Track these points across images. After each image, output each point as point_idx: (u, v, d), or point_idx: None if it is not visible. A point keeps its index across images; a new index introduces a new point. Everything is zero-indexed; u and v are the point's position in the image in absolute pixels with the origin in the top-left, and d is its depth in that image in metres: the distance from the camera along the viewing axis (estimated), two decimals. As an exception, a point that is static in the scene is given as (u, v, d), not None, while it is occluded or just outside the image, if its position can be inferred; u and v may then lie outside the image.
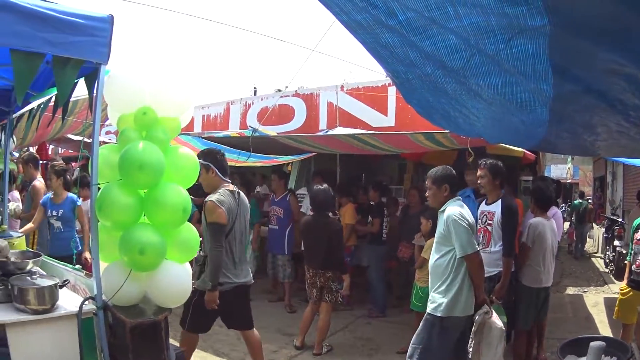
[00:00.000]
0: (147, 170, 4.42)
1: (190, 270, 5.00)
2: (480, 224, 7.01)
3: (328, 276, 7.82)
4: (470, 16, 2.68)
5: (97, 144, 4.59)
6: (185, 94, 5.01)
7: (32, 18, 4.06)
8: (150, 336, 4.47)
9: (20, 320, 4.21)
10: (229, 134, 11.71)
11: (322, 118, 14.81)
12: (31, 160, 9.40)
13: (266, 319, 9.28)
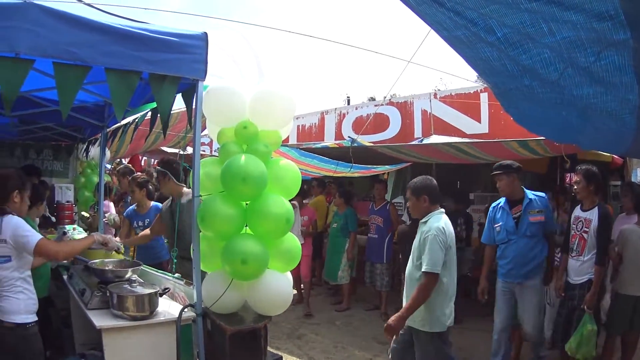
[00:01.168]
0: (250, 182, 4.47)
1: (291, 279, 5.03)
2: (575, 230, 6.92)
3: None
4: (562, 31, 2.76)
5: (198, 157, 4.74)
6: (285, 107, 5.04)
7: (126, 38, 4.24)
8: (249, 343, 4.54)
9: (117, 325, 4.36)
10: (327, 145, 11.72)
11: (416, 126, 14.55)
12: (127, 172, 9.72)
13: (362, 327, 9.38)
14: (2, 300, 4.47)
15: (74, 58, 4.10)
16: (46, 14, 3.99)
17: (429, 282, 5.43)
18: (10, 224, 4.45)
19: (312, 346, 8.24)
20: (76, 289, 5.35)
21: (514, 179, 7.01)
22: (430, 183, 5.96)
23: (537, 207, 6.96)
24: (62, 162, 12.47)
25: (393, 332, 5.49)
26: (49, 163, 12.31)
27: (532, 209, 6.96)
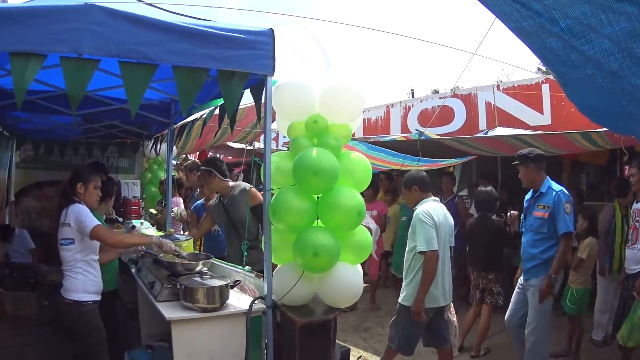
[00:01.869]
0: (322, 176, 4.49)
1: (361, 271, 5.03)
2: (633, 221, 6.95)
3: (490, 278, 7.76)
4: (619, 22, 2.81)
5: (269, 152, 4.77)
6: (355, 101, 5.04)
7: (192, 36, 4.32)
8: (319, 335, 4.57)
9: (187, 317, 4.46)
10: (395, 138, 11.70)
11: (481, 118, 14.35)
12: (195, 168, 9.84)
13: (429, 320, 9.30)
14: (65, 279, 5.08)
15: (140, 57, 4.20)
16: (109, 15, 4.09)
17: (429, 260, 5.87)
18: (75, 210, 4.97)
19: (378, 339, 8.26)
20: (145, 282, 5.48)
21: (531, 169, 6.77)
22: (418, 175, 6.64)
23: (544, 202, 6.61)
24: (127, 159, 12.74)
25: (419, 315, 5.88)
26: (114, 160, 12.59)
27: (540, 203, 6.66)
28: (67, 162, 12.38)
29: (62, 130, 11.05)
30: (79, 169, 5.48)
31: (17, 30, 4.00)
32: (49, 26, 4.02)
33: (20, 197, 12.59)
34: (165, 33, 4.24)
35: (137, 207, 10.21)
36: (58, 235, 5.10)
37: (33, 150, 12.32)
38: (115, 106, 7.88)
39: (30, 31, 4.01)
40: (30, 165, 12.56)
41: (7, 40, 4.01)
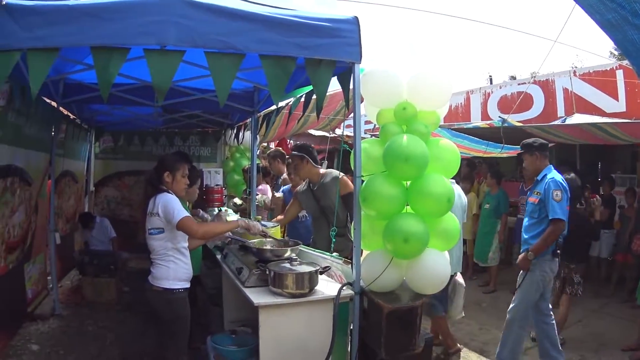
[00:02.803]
0: (413, 162, 4.51)
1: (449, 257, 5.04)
2: None
3: (572, 267, 7.73)
4: None
5: (359, 139, 4.80)
6: (442, 88, 5.04)
7: (278, 25, 4.39)
8: (405, 321, 4.56)
9: (275, 303, 4.51)
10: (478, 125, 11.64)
11: (559, 105, 14.15)
12: (278, 155, 9.91)
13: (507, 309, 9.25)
14: (154, 267, 5.07)
15: (226, 47, 4.28)
16: (191, 6, 4.19)
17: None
18: (163, 200, 4.96)
19: (458, 327, 8.26)
20: (232, 268, 5.53)
21: (536, 157, 6.93)
22: None
23: (538, 188, 6.80)
24: (209, 148, 13.08)
25: None
26: (195, 149, 12.93)
27: (534, 190, 6.88)
28: (147, 152, 12.82)
29: (141, 121, 11.35)
30: (166, 157, 5.44)
31: (97, 25, 4.13)
32: (131, 20, 4.14)
33: (100, 187, 12.98)
34: (250, 23, 4.32)
35: (220, 195, 10.34)
36: (146, 225, 5.13)
37: (112, 141, 12.62)
38: (197, 96, 8.08)
39: (111, 26, 4.13)
40: (110, 155, 13.00)
41: (87, 35, 4.15)
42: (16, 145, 6.38)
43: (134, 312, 8.92)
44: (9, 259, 6.38)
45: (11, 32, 4.13)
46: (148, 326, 8.07)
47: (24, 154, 6.76)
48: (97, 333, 7.96)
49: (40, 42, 4.16)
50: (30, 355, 6.86)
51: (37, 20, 4.15)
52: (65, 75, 7.52)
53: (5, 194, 6.14)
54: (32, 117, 6.75)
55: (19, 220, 6.70)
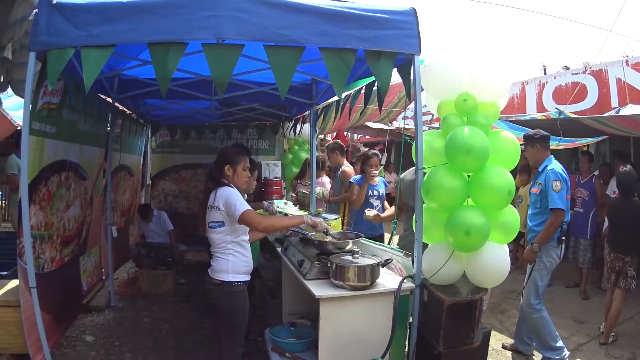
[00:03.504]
0: (474, 154, 4.49)
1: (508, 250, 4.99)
2: None
3: (626, 261, 7.55)
4: None
5: (420, 131, 4.79)
6: (502, 79, 5.00)
7: (336, 18, 4.39)
8: (465, 315, 4.54)
9: (336, 295, 4.48)
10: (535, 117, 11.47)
11: (612, 95, 13.66)
12: (337, 148, 9.82)
13: (562, 305, 9.22)
14: (214, 260, 5.00)
15: (285, 40, 4.30)
16: (248, 1, 4.23)
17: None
18: (224, 193, 4.89)
19: (514, 322, 8.10)
20: (293, 261, 5.53)
21: (537, 149, 7.01)
22: None
23: (539, 179, 6.85)
24: (267, 140, 13.05)
25: None
26: (254, 142, 12.92)
27: (536, 180, 6.95)
28: (204, 145, 12.92)
29: (198, 115, 11.40)
30: (226, 150, 5.36)
31: (153, 21, 4.20)
32: (188, 15, 4.20)
33: (157, 181, 13.11)
34: (308, 15, 4.33)
35: (279, 187, 10.39)
36: (206, 218, 5.09)
37: (169, 135, 12.73)
38: (255, 89, 8.08)
39: (168, 22, 4.20)
40: (167, 149, 13.11)
41: (143, 32, 4.22)
42: (71, 140, 6.45)
43: (190, 304, 8.98)
44: (65, 252, 6.47)
45: (64, 31, 4.24)
46: (204, 318, 8.16)
47: (79, 149, 6.83)
48: (153, 325, 8.00)
49: (96, 40, 4.25)
50: (84, 346, 6.92)
51: (92, 18, 4.25)
52: (119, 72, 7.60)
53: (61, 189, 6.21)
54: (86, 113, 6.84)
55: (74, 214, 6.79)
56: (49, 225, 5.90)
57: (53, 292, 5.97)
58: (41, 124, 5.29)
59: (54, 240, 6.10)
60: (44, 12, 4.26)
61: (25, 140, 4.64)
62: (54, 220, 6.04)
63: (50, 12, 4.24)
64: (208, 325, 7.83)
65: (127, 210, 10.64)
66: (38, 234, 5.55)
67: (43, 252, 5.73)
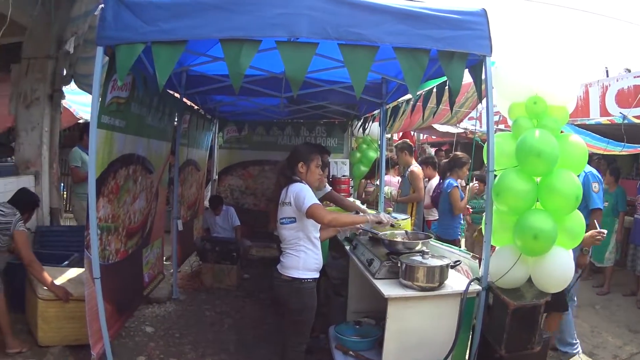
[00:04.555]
0: (544, 158, 4.44)
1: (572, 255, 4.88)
2: None
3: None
4: None
5: (492, 133, 4.77)
6: (571, 82, 4.94)
7: (410, 17, 4.38)
8: (528, 319, 4.49)
9: (405, 295, 4.48)
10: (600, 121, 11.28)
11: None
12: (406, 147, 9.85)
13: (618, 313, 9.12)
14: (284, 256, 5.05)
15: (359, 38, 4.30)
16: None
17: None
18: (295, 189, 4.93)
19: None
20: (362, 259, 5.51)
21: None
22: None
23: None
24: (336, 139, 13.05)
25: None
26: (322, 139, 12.93)
27: None
28: (272, 142, 13.01)
29: (266, 112, 11.55)
30: (300, 147, 5.43)
31: (225, 17, 4.23)
32: (261, 12, 4.21)
33: (223, 176, 13.23)
34: (383, 15, 4.31)
35: (347, 185, 10.30)
36: (278, 214, 5.14)
37: (237, 131, 12.84)
38: (325, 88, 8.13)
39: (241, 18, 4.22)
40: (234, 145, 13.22)
41: (215, 28, 4.26)
42: (139, 134, 6.55)
43: (253, 299, 9.04)
44: (129, 244, 6.58)
45: (133, 26, 4.29)
46: (266, 313, 8.22)
47: (146, 143, 6.93)
48: (215, 318, 8.07)
49: (166, 35, 4.30)
50: (143, 337, 7.02)
51: (161, 14, 4.29)
52: (188, 68, 7.73)
53: (128, 182, 6.32)
54: (154, 107, 6.94)
55: (139, 207, 6.91)
56: (116, 218, 6.01)
57: (116, 283, 6.08)
58: (110, 117, 5.37)
59: (120, 233, 6.21)
60: (110, 8, 4.31)
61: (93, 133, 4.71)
62: (120, 212, 6.14)
63: (118, 8, 4.30)
64: (270, 320, 7.88)
65: (192, 204, 10.77)
66: (105, 226, 5.65)
67: (109, 243, 5.83)
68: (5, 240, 6.04)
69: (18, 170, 7.65)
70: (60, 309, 5.91)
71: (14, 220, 6.00)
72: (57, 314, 5.92)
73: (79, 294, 5.86)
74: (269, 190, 12.98)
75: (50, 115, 7.83)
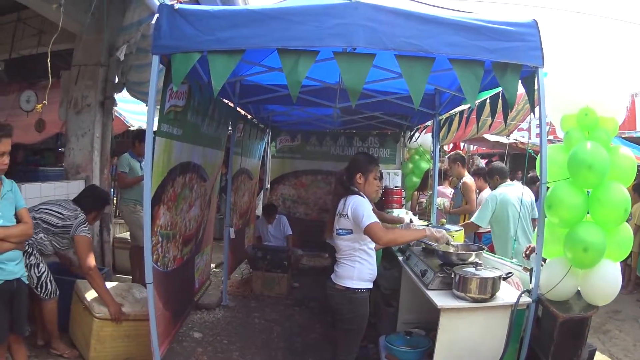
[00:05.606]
0: (595, 170, 4.44)
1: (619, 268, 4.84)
2: None
3: None
4: None
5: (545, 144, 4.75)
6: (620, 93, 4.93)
7: (465, 29, 4.41)
8: (576, 332, 4.48)
9: (457, 306, 4.52)
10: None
11: None
12: (459, 159, 9.93)
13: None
14: (339, 266, 5.10)
15: (416, 49, 4.32)
16: (377, 10, 4.27)
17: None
18: (354, 202, 4.94)
19: (615, 342, 8.01)
20: (415, 270, 5.54)
21: None
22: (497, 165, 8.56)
23: None
24: (388, 149, 13.11)
25: None
26: (375, 150, 13.03)
27: None
28: (325, 152, 13.15)
29: (319, 122, 11.65)
30: (358, 158, 5.43)
31: (283, 27, 4.29)
32: (318, 23, 4.27)
33: (276, 185, 13.39)
34: (438, 26, 4.35)
35: (399, 196, 10.38)
36: (334, 225, 5.15)
37: (290, 141, 12.97)
38: (378, 98, 8.18)
39: (299, 28, 4.28)
40: (287, 154, 13.36)
41: (273, 37, 4.32)
42: (195, 143, 6.63)
43: (302, 308, 9.10)
44: (184, 251, 6.66)
45: (188, 35, 4.38)
46: (316, 322, 8.28)
47: (202, 151, 7.01)
48: (264, 326, 8.13)
49: (223, 44, 4.37)
50: (191, 342, 7.11)
51: (218, 24, 4.37)
52: (242, 78, 7.82)
53: (185, 190, 6.40)
54: (209, 116, 7.03)
55: (194, 214, 6.99)
56: (174, 225, 6.09)
57: (174, 289, 6.18)
58: (169, 126, 5.45)
59: (177, 240, 6.30)
60: (165, 17, 4.41)
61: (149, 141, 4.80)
62: (177, 220, 6.23)
63: (173, 17, 4.39)
64: (319, 329, 7.94)
65: (245, 212, 10.88)
66: (165, 233, 5.75)
67: (168, 251, 5.92)
68: (64, 244, 6.13)
69: (68, 175, 7.79)
70: (116, 328, 5.95)
71: (75, 223, 6.03)
72: (112, 333, 5.94)
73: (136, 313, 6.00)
74: (321, 200, 13.17)
75: (102, 122, 7.96)
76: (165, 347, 5.66)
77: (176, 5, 4.39)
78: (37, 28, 9.29)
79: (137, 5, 6.22)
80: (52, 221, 5.96)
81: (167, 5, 4.42)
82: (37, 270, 5.73)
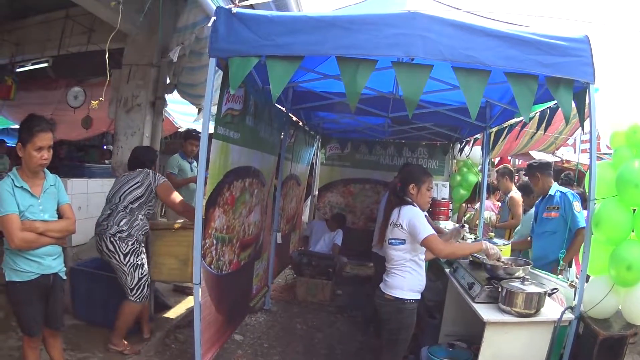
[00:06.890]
0: (642, 189, 4.43)
1: None
2: None
3: None
4: None
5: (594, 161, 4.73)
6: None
7: (520, 43, 4.41)
8: (615, 350, 4.46)
9: (503, 320, 4.53)
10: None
11: None
12: (507, 173, 9.87)
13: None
14: (389, 275, 5.10)
15: (473, 61, 4.34)
16: (435, 21, 4.29)
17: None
18: (409, 213, 4.97)
19: (638, 358, 7.87)
20: (462, 282, 5.58)
21: (538, 178, 7.45)
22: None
23: (553, 203, 7.06)
24: (437, 161, 13.02)
25: None
26: (423, 161, 12.93)
27: (549, 205, 7.13)
28: (374, 160, 13.09)
29: (369, 131, 11.61)
30: (412, 169, 5.52)
31: (341, 35, 4.33)
32: (378, 32, 4.29)
33: (323, 192, 13.33)
34: (494, 39, 4.36)
35: (446, 208, 10.38)
36: (387, 234, 5.17)
37: (339, 149, 12.98)
38: (430, 109, 8.18)
39: (359, 37, 4.31)
40: (336, 162, 13.30)
41: (332, 45, 4.37)
42: (254, 147, 6.68)
43: (345, 316, 9.08)
44: (242, 256, 6.70)
45: (246, 39, 4.44)
46: (357, 330, 8.28)
47: (260, 156, 7.04)
48: (305, 331, 8.16)
49: (282, 50, 4.43)
50: (231, 344, 7.11)
51: (276, 29, 4.42)
52: (295, 84, 7.84)
53: (244, 194, 6.45)
54: (264, 121, 7.07)
55: (254, 219, 7.06)
56: (231, 229, 6.12)
57: (228, 293, 6.25)
58: (225, 129, 5.49)
59: (234, 244, 6.34)
60: (222, 20, 4.48)
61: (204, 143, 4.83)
62: (235, 224, 6.27)
63: (230, 21, 4.46)
64: (361, 338, 7.94)
65: (291, 218, 10.94)
66: (220, 236, 5.78)
67: (223, 254, 5.95)
68: (151, 206, 6.35)
69: (115, 173, 7.81)
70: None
71: (151, 178, 6.23)
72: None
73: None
74: (368, 209, 13.08)
75: (152, 122, 8.02)
76: (216, 349, 5.73)
77: (234, 9, 4.45)
78: (87, 26, 9.37)
79: (192, 7, 6.26)
80: (138, 194, 6.13)
81: (225, 9, 4.49)
82: (140, 271, 5.97)
